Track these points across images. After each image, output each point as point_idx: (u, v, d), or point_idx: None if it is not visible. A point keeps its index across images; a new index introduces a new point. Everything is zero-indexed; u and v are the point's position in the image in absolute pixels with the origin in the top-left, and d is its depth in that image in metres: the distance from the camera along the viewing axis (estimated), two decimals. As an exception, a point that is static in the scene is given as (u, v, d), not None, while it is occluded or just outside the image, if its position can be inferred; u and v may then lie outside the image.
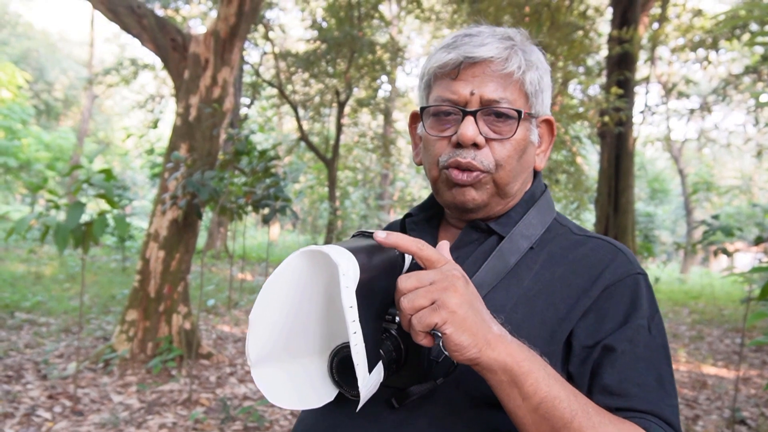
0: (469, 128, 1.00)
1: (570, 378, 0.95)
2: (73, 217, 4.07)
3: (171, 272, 5.74)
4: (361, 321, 0.75)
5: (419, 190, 32.18)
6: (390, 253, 0.87)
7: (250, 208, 5.77)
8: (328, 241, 16.51)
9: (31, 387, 4.76)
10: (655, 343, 0.96)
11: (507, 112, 1.02)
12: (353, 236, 0.90)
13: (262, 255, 18.25)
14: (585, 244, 1.06)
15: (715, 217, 5.57)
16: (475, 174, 1.02)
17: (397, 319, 0.86)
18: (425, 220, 1.19)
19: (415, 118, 1.17)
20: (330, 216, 16.48)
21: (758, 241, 4.97)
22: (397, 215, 27.37)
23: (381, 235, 0.83)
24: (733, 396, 5.08)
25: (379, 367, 0.81)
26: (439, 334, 0.78)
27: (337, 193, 18.23)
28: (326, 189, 18.74)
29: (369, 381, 0.77)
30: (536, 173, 1.17)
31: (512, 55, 1.02)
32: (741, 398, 5.51)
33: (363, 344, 0.75)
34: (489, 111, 1.02)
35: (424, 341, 0.80)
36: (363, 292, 0.77)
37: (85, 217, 4.24)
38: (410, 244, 0.83)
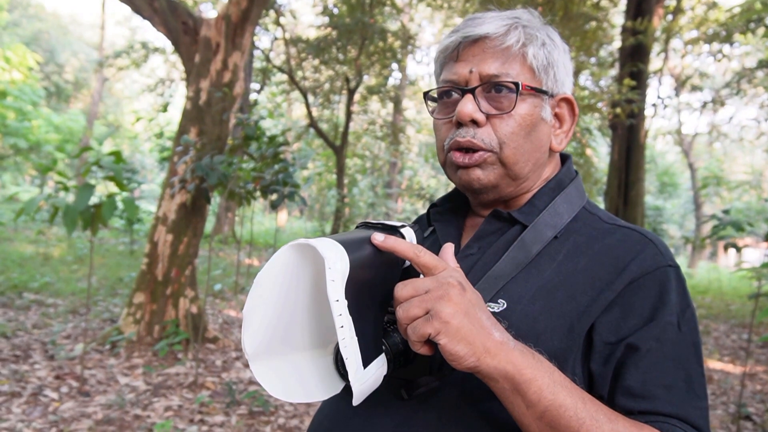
0: (467, 105, 0.98)
1: (591, 376, 0.92)
2: (82, 199, 4.08)
3: (179, 256, 5.75)
4: (358, 314, 0.75)
5: (427, 178, 32.13)
6: None
7: (258, 193, 5.76)
8: (335, 229, 16.53)
9: (39, 367, 4.79)
10: (685, 340, 0.91)
11: (505, 84, 0.99)
12: (357, 227, 0.89)
13: (270, 241, 18.28)
14: (613, 234, 1.00)
15: (726, 211, 5.53)
16: (478, 155, 1.00)
17: None
18: (450, 210, 1.16)
19: None
20: (338, 203, 16.49)
21: (769, 236, 4.93)
22: (404, 204, 27.37)
23: (378, 239, 0.82)
24: (739, 392, 5.06)
25: (382, 360, 0.81)
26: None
27: (346, 181, 18.23)
28: (334, 176, 18.74)
29: (365, 374, 0.77)
30: (565, 158, 1.14)
31: (511, 30, 1.00)
32: (747, 394, 5.50)
33: (353, 338, 0.74)
34: (489, 87, 0.99)
35: (422, 350, 0.79)
36: (360, 284, 0.76)
37: (94, 200, 4.25)
38: (407, 249, 0.81)
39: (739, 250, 5.53)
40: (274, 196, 5.61)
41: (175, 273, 5.70)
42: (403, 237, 0.85)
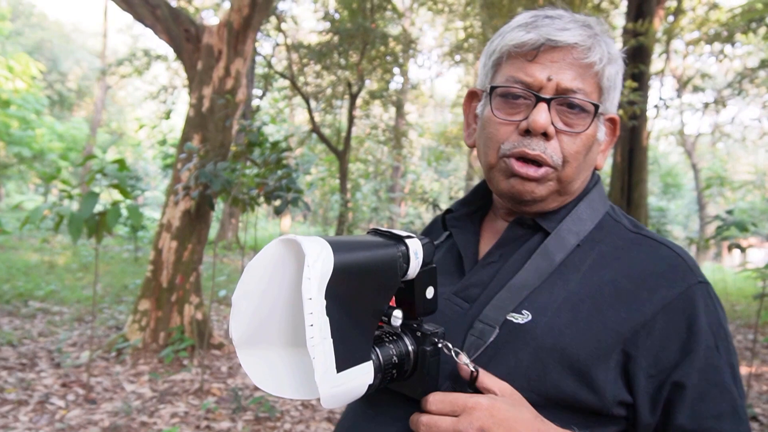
0: (542, 115, 0.93)
1: (629, 401, 0.90)
2: (86, 207, 4.10)
3: (183, 263, 5.76)
4: (341, 316, 0.74)
5: (430, 182, 32.11)
6: (387, 252, 0.82)
7: (262, 199, 5.77)
8: (339, 233, 16.53)
9: (45, 375, 4.80)
10: (722, 362, 0.89)
11: (583, 104, 0.95)
12: (368, 233, 0.88)
13: (273, 246, 18.26)
14: (640, 246, 0.97)
15: (729, 212, 5.53)
16: (543, 170, 0.95)
17: (395, 321, 0.84)
18: (467, 215, 1.13)
19: (472, 97, 1.09)
20: (341, 208, 16.51)
21: (773, 236, 4.92)
22: (407, 208, 27.34)
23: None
24: (746, 392, 5.05)
25: (365, 368, 0.78)
26: None
27: (349, 185, 18.25)
28: (337, 181, 18.76)
29: (338, 379, 0.75)
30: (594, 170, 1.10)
31: (595, 45, 0.95)
32: (753, 395, 5.48)
33: (325, 338, 0.73)
34: (564, 101, 0.94)
35: None
36: (348, 288, 0.75)
37: (98, 207, 4.27)
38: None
39: (743, 250, 5.52)
40: (277, 202, 5.62)
41: (180, 280, 5.71)
42: (407, 248, 0.83)
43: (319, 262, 0.72)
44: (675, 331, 0.88)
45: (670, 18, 12.14)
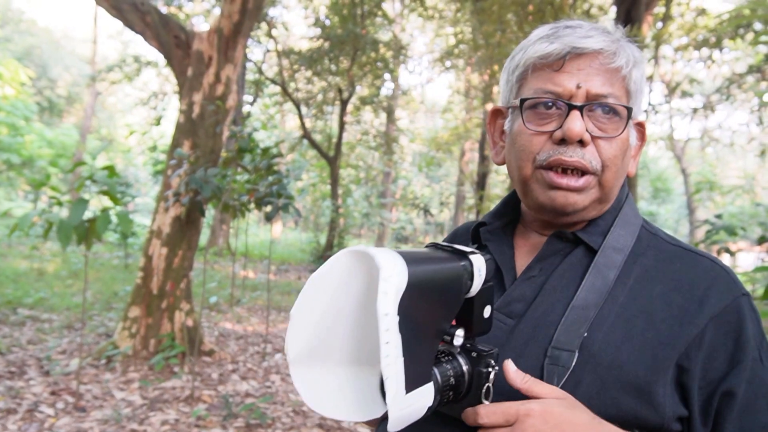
0: (576, 123, 0.92)
1: (686, 415, 0.89)
2: (76, 214, 4.08)
3: (173, 269, 5.74)
4: (409, 334, 0.70)
5: (421, 188, 32.19)
6: (455, 267, 0.78)
7: (252, 205, 5.77)
8: (330, 239, 16.52)
9: (34, 383, 4.77)
10: (767, 374, 0.89)
11: (616, 108, 0.94)
12: (426, 246, 0.84)
13: (265, 252, 18.26)
14: (683, 259, 0.96)
15: (719, 216, 5.56)
16: (584, 180, 0.94)
17: (457, 341, 0.80)
18: (501, 228, 1.11)
19: (496, 115, 1.09)
20: (332, 214, 16.50)
21: (761, 240, 4.96)
22: (399, 213, 27.35)
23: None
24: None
25: (428, 389, 0.74)
26: None
27: (340, 191, 18.25)
28: (329, 187, 18.75)
29: (406, 400, 0.71)
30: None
31: (620, 50, 0.95)
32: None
33: (399, 357, 0.69)
34: (596, 106, 0.94)
35: None
36: (416, 304, 0.71)
37: (88, 214, 4.25)
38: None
39: (732, 254, 5.56)
40: (268, 208, 5.62)
41: (170, 286, 5.69)
42: (471, 264, 0.79)
43: (395, 276, 0.68)
44: (722, 343, 0.89)
45: (659, 24, 12.22)
